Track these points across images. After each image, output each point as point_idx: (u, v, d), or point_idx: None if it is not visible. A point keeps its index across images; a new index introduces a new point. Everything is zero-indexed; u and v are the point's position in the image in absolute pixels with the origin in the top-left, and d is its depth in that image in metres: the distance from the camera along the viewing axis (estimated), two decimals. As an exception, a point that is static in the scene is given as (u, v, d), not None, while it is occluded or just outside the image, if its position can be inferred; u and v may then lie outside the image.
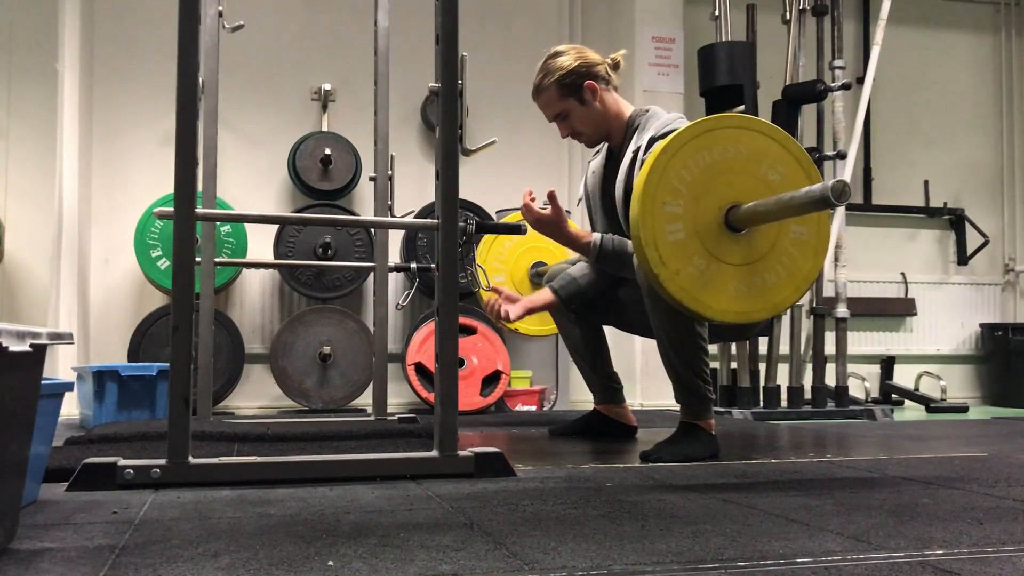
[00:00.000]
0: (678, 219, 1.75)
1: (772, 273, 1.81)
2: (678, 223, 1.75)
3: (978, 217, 5.23)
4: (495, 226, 3.61)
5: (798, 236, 1.83)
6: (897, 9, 4.23)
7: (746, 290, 1.79)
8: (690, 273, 1.75)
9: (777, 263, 1.82)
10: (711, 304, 1.77)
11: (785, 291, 1.83)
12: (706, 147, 1.78)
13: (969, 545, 1.18)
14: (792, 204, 1.65)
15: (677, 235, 1.75)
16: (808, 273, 1.85)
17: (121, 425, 2.52)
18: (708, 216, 1.77)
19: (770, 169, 1.80)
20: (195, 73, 1.67)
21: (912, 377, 4.89)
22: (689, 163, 1.76)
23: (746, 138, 1.80)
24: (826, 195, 1.55)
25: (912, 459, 2.16)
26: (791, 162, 1.82)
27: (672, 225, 1.75)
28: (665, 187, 1.75)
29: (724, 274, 1.77)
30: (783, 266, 1.82)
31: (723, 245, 1.77)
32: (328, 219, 3.78)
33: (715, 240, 1.77)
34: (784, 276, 1.82)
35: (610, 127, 2.49)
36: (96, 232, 4.09)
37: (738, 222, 1.77)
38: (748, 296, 1.79)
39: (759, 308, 1.82)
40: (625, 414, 2.73)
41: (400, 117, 4.21)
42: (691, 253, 1.76)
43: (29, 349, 1.13)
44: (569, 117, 2.48)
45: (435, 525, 1.30)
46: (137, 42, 4.16)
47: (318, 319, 3.98)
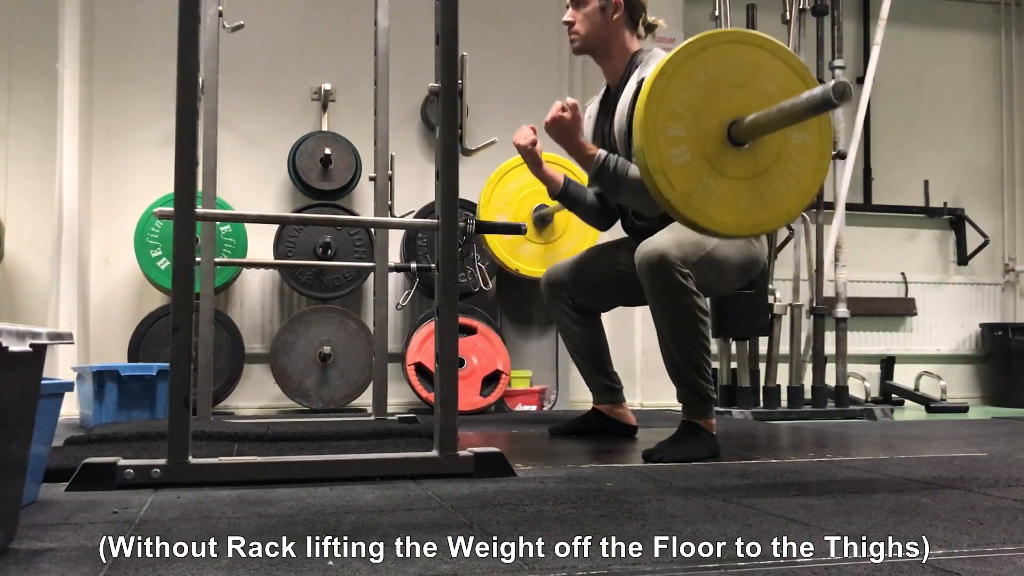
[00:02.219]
0: (681, 141, 1.75)
1: (780, 183, 1.81)
2: (682, 145, 1.75)
3: (978, 217, 5.23)
4: (495, 226, 3.61)
5: (801, 144, 1.83)
6: (897, 9, 4.22)
7: (756, 202, 1.79)
8: (700, 193, 1.75)
9: (783, 173, 1.82)
10: (724, 220, 1.78)
11: (792, 199, 1.84)
12: (701, 66, 1.76)
13: (969, 545, 1.18)
14: (794, 110, 1.65)
15: (683, 157, 1.74)
16: (813, 180, 1.85)
17: (121, 425, 2.52)
18: (711, 134, 1.77)
19: (767, 80, 1.79)
20: (195, 73, 1.67)
21: (912, 377, 4.88)
22: (686, 84, 1.75)
23: (740, 52, 1.79)
24: (828, 97, 1.54)
25: (912, 459, 2.16)
26: (787, 71, 1.81)
27: (676, 148, 1.74)
28: (665, 111, 1.74)
29: (733, 189, 1.77)
30: (790, 174, 1.82)
31: (729, 161, 1.77)
32: (328, 219, 3.79)
33: (720, 157, 1.77)
34: (791, 184, 1.82)
35: (611, 54, 2.51)
36: (96, 232, 4.09)
37: (741, 136, 1.76)
38: (759, 208, 1.80)
39: (769, 218, 1.83)
40: (625, 414, 2.73)
41: (400, 117, 4.20)
42: (699, 173, 1.75)
43: (29, 349, 1.13)
44: (581, 9, 2.51)
45: (435, 525, 1.30)
46: (137, 42, 4.15)
47: (318, 319, 3.98)
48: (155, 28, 4.10)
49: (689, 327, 2.16)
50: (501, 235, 3.61)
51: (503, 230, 3.67)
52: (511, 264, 3.72)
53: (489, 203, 3.66)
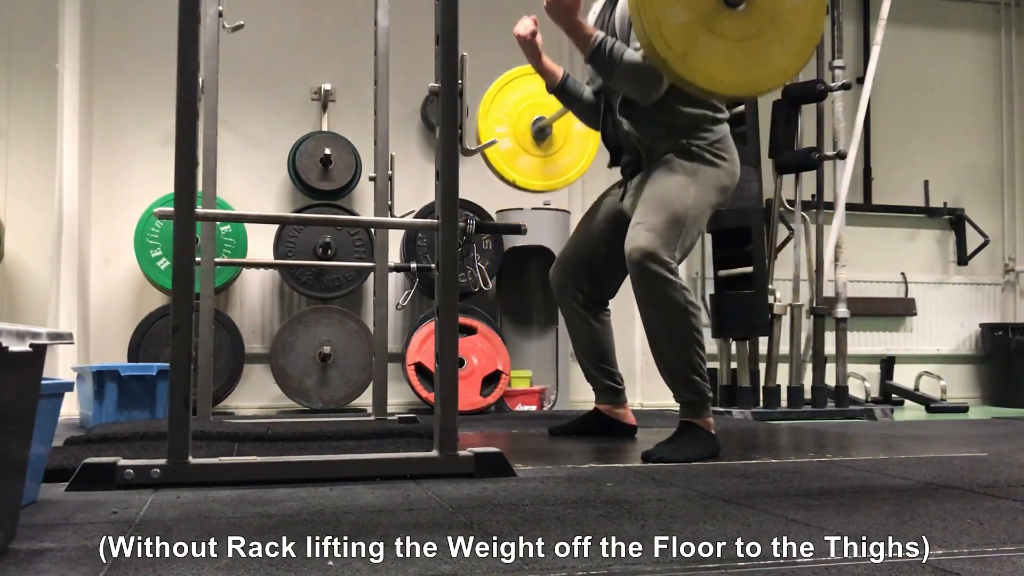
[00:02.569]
0: (677, 3, 1.75)
1: (776, 42, 1.82)
2: (677, 6, 1.75)
3: (978, 217, 5.23)
4: (495, 226, 3.62)
5: (794, 13, 1.83)
6: (897, 9, 4.22)
7: (753, 62, 1.80)
8: (697, 53, 1.76)
9: (779, 32, 1.82)
10: (722, 79, 1.79)
11: (789, 56, 1.84)
12: None
13: (969, 545, 1.18)
14: None
15: (679, 17, 1.75)
16: (809, 38, 1.86)
17: (121, 425, 2.52)
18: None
19: None
20: (195, 73, 1.67)
21: (912, 377, 4.88)
22: None
23: None
24: None
25: (912, 459, 2.16)
26: None
27: (671, 8, 1.75)
28: None
29: (729, 49, 1.78)
30: (786, 33, 1.83)
31: (724, 22, 1.78)
32: (328, 219, 3.79)
33: (716, 18, 1.77)
34: (788, 43, 1.83)
35: None
36: (96, 232, 4.09)
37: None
38: (756, 66, 1.80)
39: (767, 76, 1.84)
40: (625, 414, 2.73)
41: (400, 117, 4.20)
42: (695, 33, 1.76)
43: (29, 349, 1.13)
44: None
45: (435, 525, 1.30)
46: (137, 42, 4.15)
47: (318, 319, 3.98)
48: (155, 28, 4.10)
49: (681, 324, 2.17)
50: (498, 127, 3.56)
51: (503, 230, 3.68)
52: (508, 175, 3.65)
53: (488, 113, 3.60)
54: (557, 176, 3.46)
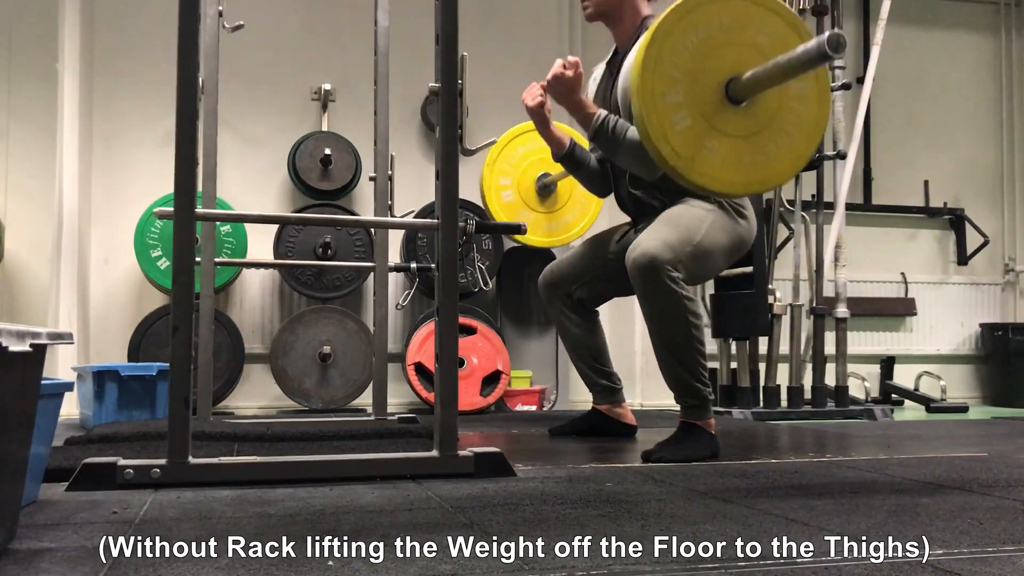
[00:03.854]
0: (681, 107, 1.75)
1: (782, 136, 1.81)
2: (682, 111, 1.74)
3: (978, 217, 5.23)
4: (495, 226, 3.61)
5: (799, 94, 1.82)
6: (897, 9, 4.22)
7: (761, 158, 1.79)
8: (705, 157, 1.75)
9: (784, 126, 1.82)
10: (732, 180, 1.78)
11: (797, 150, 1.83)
12: (691, 28, 1.76)
13: (969, 545, 1.18)
14: (790, 65, 1.64)
15: (683, 123, 1.74)
16: (815, 128, 1.85)
17: (121, 425, 2.52)
18: (709, 95, 1.76)
19: (757, 33, 1.79)
20: (195, 73, 1.67)
21: (912, 377, 4.88)
22: (678, 48, 1.75)
23: (728, 9, 1.79)
24: (823, 49, 1.54)
25: (912, 459, 2.16)
26: (775, 20, 1.80)
27: (677, 114, 1.74)
28: (661, 78, 1.74)
29: (736, 148, 1.77)
30: (791, 125, 1.82)
31: (729, 119, 1.77)
32: (328, 219, 3.79)
33: (720, 116, 1.77)
34: (794, 135, 1.82)
35: (622, 18, 2.51)
36: (96, 232, 4.09)
37: (739, 94, 1.76)
38: (764, 163, 1.80)
39: (775, 173, 1.83)
40: (625, 414, 2.74)
41: (400, 117, 4.20)
42: (701, 136, 1.75)
43: (29, 349, 1.13)
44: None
45: (435, 525, 1.30)
46: (137, 42, 4.15)
47: (318, 319, 3.98)
48: (155, 28, 4.10)
49: (681, 330, 2.16)
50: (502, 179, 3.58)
51: (503, 230, 3.66)
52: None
53: (495, 165, 3.63)
54: (559, 233, 3.52)
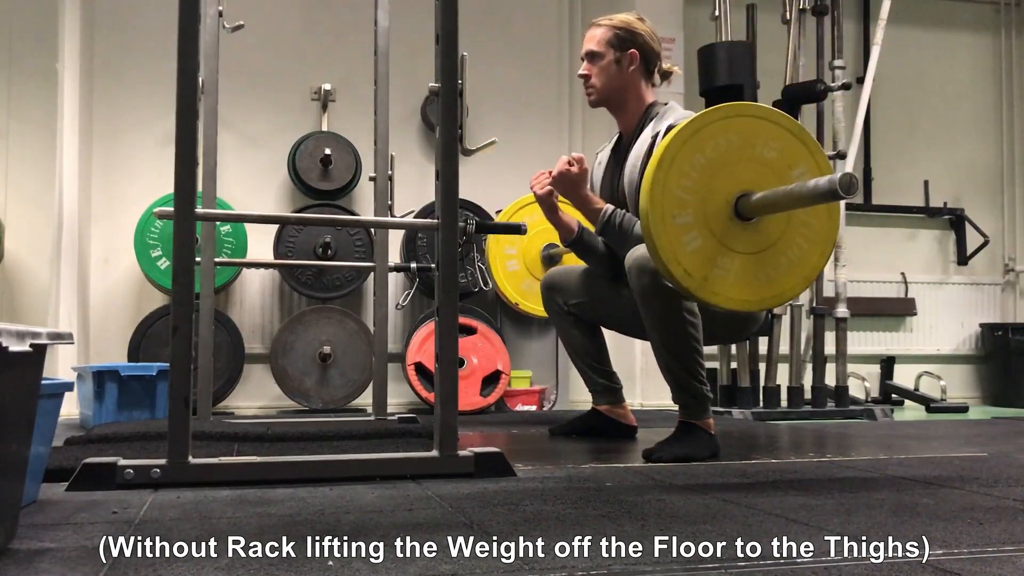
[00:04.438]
0: (691, 227, 1.76)
1: (793, 248, 1.82)
2: (692, 231, 1.76)
3: (978, 217, 5.23)
4: (495, 226, 3.61)
5: (809, 213, 1.83)
6: (897, 9, 4.22)
7: (773, 272, 1.81)
8: (717, 275, 1.77)
9: (794, 239, 1.83)
10: (745, 297, 1.80)
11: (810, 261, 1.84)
12: (698, 149, 1.78)
13: (969, 545, 1.18)
14: (801, 197, 1.66)
15: (694, 244, 1.76)
16: (827, 236, 1.85)
17: (121, 425, 2.52)
18: (718, 213, 1.78)
19: (764, 147, 1.80)
20: (195, 73, 1.67)
21: (912, 377, 4.88)
22: (686, 169, 1.76)
23: (734, 126, 1.80)
24: (833, 188, 1.56)
25: (912, 459, 2.16)
26: (783, 134, 1.82)
27: (687, 235, 1.76)
28: (669, 200, 1.75)
29: (746, 265, 1.79)
30: (802, 237, 1.83)
31: (738, 236, 1.79)
32: (328, 219, 3.79)
33: (730, 233, 1.78)
34: (805, 248, 1.83)
35: (626, 105, 2.52)
36: (96, 232, 4.09)
37: (748, 213, 1.78)
38: (776, 278, 1.81)
39: (789, 287, 1.84)
40: (625, 414, 2.73)
41: (400, 117, 4.20)
42: (712, 256, 1.77)
43: (29, 349, 1.13)
44: (596, 63, 2.51)
45: (435, 525, 1.30)
46: (137, 42, 4.15)
47: (318, 319, 3.98)
48: (155, 28, 4.10)
49: (678, 330, 2.16)
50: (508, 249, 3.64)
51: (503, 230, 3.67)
52: (512, 298, 3.79)
53: (500, 236, 3.68)
54: None
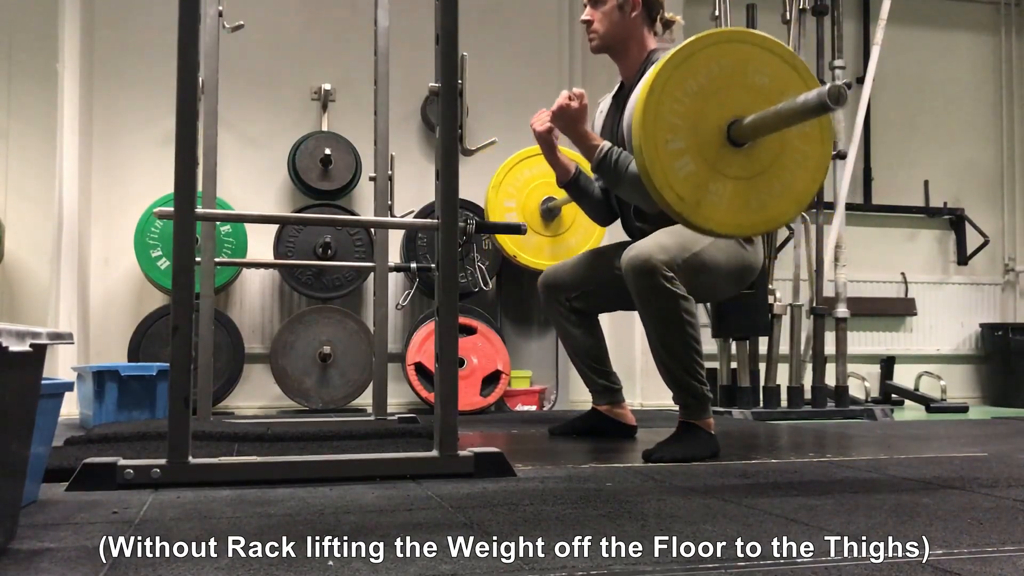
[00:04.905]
0: (683, 153, 1.75)
1: (786, 174, 1.81)
2: (684, 157, 1.75)
3: (978, 217, 5.23)
4: (495, 226, 3.61)
5: (801, 132, 1.83)
6: (897, 9, 4.22)
7: (767, 198, 1.80)
8: (710, 201, 1.76)
9: (788, 164, 1.82)
10: (739, 222, 1.79)
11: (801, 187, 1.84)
12: (690, 74, 1.76)
13: (969, 545, 1.18)
14: (791, 114, 1.65)
15: (686, 168, 1.75)
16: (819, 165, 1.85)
17: (121, 425, 2.52)
18: (711, 139, 1.77)
19: (756, 73, 1.79)
20: (195, 73, 1.67)
21: (912, 377, 4.88)
22: (678, 95, 1.75)
23: (725, 52, 1.79)
24: (823, 101, 1.54)
25: (912, 459, 2.16)
26: (775, 61, 1.81)
27: (679, 161, 1.75)
28: (662, 125, 1.74)
29: (740, 190, 1.78)
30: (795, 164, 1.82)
31: (731, 161, 1.78)
32: (328, 219, 3.78)
33: (723, 159, 1.77)
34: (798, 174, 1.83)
35: (628, 51, 2.52)
36: (96, 232, 4.09)
37: (740, 138, 1.77)
38: (770, 203, 1.80)
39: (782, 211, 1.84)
40: (625, 414, 2.73)
41: (400, 117, 4.20)
42: (705, 181, 1.76)
43: (29, 349, 1.13)
44: (599, 8, 2.51)
45: (435, 525, 1.30)
46: (137, 42, 4.15)
47: (318, 319, 3.98)
48: (155, 28, 4.10)
49: (677, 330, 2.16)
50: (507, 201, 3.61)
51: (503, 230, 3.67)
52: (510, 250, 3.71)
53: (500, 188, 3.64)
54: (562, 256, 3.55)
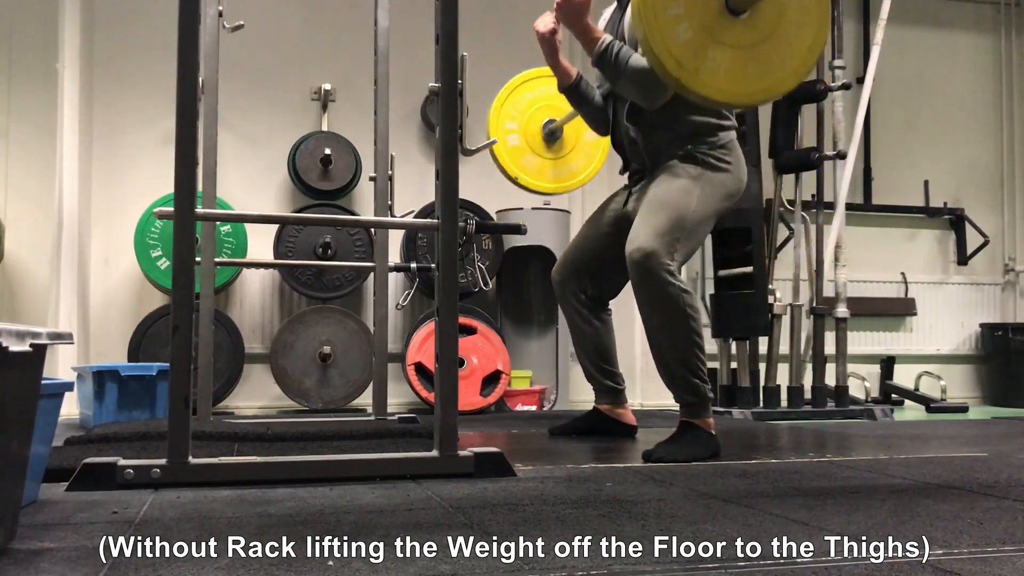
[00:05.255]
0: (682, 19, 1.75)
1: (784, 44, 1.82)
2: (683, 23, 1.75)
3: (978, 217, 5.23)
4: (495, 226, 3.62)
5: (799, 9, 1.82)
6: (897, 9, 4.22)
7: (765, 68, 1.81)
8: (708, 67, 1.76)
9: (786, 34, 1.82)
10: (736, 90, 1.79)
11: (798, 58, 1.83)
12: None
13: (969, 545, 1.18)
14: None
15: (685, 35, 1.74)
16: (816, 37, 1.85)
17: (121, 425, 2.52)
18: (709, 6, 1.77)
19: None
20: (195, 73, 1.67)
21: (912, 377, 4.88)
22: None
23: None
24: None
25: (912, 459, 2.16)
26: None
27: (678, 27, 1.74)
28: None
29: (739, 58, 1.78)
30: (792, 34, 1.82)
31: (730, 30, 1.78)
32: (328, 219, 3.79)
33: (721, 27, 1.77)
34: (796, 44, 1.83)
35: None
36: (96, 232, 4.09)
37: (739, 4, 1.77)
38: (767, 72, 1.81)
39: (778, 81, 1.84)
40: (625, 415, 2.74)
41: (400, 117, 4.20)
42: (703, 47, 1.76)
43: (29, 349, 1.13)
44: None
45: (435, 525, 1.30)
46: (137, 42, 4.15)
47: (318, 319, 3.98)
48: (155, 28, 4.10)
49: (680, 326, 2.16)
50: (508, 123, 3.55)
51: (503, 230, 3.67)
52: (512, 172, 3.62)
53: (501, 110, 3.58)
54: (565, 179, 3.46)
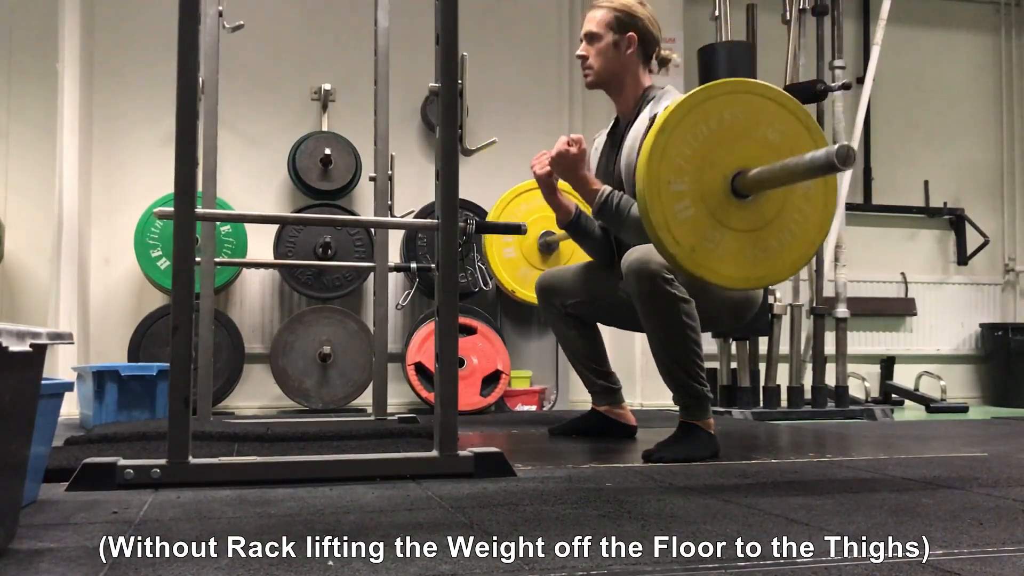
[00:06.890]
0: (685, 196, 1.74)
1: (785, 233, 1.80)
2: (685, 200, 1.74)
3: (978, 217, 5.23)
4: (495, 226, 3.61)
5: (805, 193, 1.82)
6: (897, 9, 4.22)
7: (762, 254, 1.79)
8: (706, 248, 1.75)
9: (788, 224, 1.81)
10: (730, 274, 1.77)
11: (798, 250, 1.83)
12: (702, 119, 1.76)
13: (969, 545, 1.18)
14: (797, 170, 1.64)
15: (686, 212, 1.74)
16: (818, 231, 1.84)
17: (121, 425, 2.52)
18: (714, 187, 1.76)
19: (769, 128, 1.79)
20: (195, 73, 1.67)
21: (912, 377, 4.88)
22: (688, 137, 1.75)
23: (741, 102, 1.78)
24: (831, 160, 1.54)
25: (912, 459, 2.16)
26: (789, 118, 1.80)
27: (680, 203, 1.74)
28: (668, 166, 1.74)
29: (737, 242, 1.77)
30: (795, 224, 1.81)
31: (732, 213, 1.77)
32: (328, 219, 3.79)
33: (724, 209, 1.76)
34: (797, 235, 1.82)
35: (624, 88, 2.51)
36: (96, 232, 4.09)
37: (744, 189, 1.76)
38: (764, 260, 1.79)
39: (774, 271, 1.83)
40: (625, 414, 2.73)
41: (400, 117, 4.20)
42: (703, 227, 1.75)
43: (29, 349, 1.13)
44: (595, 44, 2.51)
45: (435, 525, 1.30)
46: (137, 42, 4.15)
47: (318, 319, 3.98)
48: (155, 28, 4.10)
49: (678, 332, 2.16)
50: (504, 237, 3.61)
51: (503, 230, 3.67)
52: (508, 285, 3.76)
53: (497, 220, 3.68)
54: None
